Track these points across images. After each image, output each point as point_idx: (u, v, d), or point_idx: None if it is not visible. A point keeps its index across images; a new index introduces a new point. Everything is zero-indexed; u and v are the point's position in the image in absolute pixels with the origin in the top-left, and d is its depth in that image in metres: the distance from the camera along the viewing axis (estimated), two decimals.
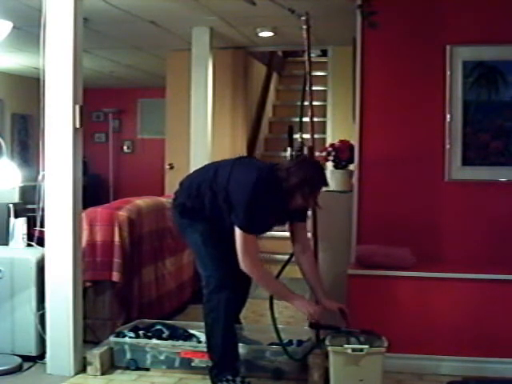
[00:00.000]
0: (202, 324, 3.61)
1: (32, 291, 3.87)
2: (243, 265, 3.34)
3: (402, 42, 4.24)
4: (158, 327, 4.02)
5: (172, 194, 3.74)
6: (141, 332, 3.95)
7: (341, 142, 4.82)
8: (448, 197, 4.20)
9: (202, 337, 3.95)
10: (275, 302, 3.75)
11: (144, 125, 11.12)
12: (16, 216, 4.13)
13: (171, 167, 7.42)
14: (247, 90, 7.68)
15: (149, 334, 3.95)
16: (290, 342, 3.81)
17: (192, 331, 4.03)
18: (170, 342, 3.83)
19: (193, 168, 6.07)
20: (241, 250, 3.32)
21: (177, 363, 3.79)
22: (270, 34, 6.32)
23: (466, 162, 4.19)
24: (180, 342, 3.83)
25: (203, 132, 6.25)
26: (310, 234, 3.87)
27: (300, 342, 3.80)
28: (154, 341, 3.85)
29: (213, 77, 6.39)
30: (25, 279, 3.88)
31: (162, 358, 3.80)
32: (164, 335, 3.95)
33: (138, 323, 4.12)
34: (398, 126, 4.26)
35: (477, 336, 3.79)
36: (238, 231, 3.31)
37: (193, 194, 3.52)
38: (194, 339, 3.92)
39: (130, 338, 3.87)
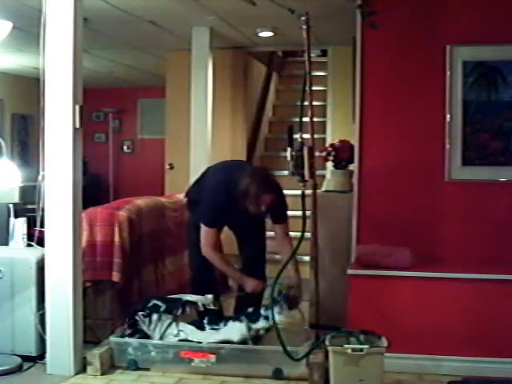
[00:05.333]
0: None
1: (32, 291, 3.87)
2: (203, 250, 4.12)
3: (401, 42, 4.24)
4: (153, 302, 3.99)
5: (172, 193, 3.81)
6: (140, 313, 3.92)
7: (341, 141, 4.82)
8: (448, 197, 4.20)
9: (200, 301, 4.03)
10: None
11: (144, 125, 11.12)
12: (16, 216, 4.13)
13: (171, 167, 7.41)
14: (247, 90, 7.67)
15: (147, 312, 3.92)
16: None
17: (187, 297, 4.06)
18: (170, 342, 3.83)
19: (193, 168, 6.11)
20: (202, 240, 4.10)
21: (177, 363, 3.79)
22: (270, 33, 6.31)
23: (466, 162, 4.19)
24: (180, 342, 3.83)
25: (203, 132, 6.25)
26: (309, 234, 3.87)
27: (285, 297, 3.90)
28: (154, 341, 3.85)
29: (213, 77, 6.38)
30: (25, 279, 3.89)
31: (162, 357, 3.80)
32: (161, 309, 3.93)
33: (131, 310, 4.05)
34: (397, 126, 4.26)
35: (477, 336, 3.78)
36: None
37: None
38: (192, 306, 3.97)
39: (132, 337, 3.87)
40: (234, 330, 3.84)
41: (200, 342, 3.82)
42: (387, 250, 3.96)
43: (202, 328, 3.90)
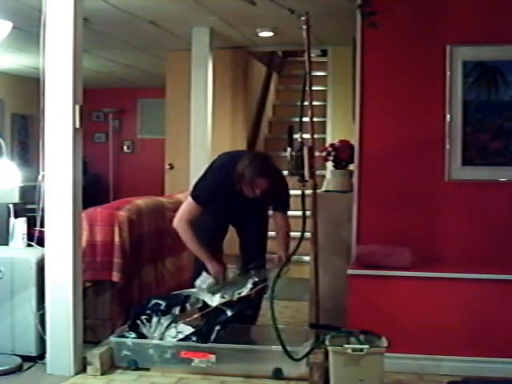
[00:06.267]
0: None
1: (32, 291, 3.87)
2: (176, 222, 4.06)
3: (401, 42, 4.24)
4: (153, 302, 3.99)
5: (172, 193, 3.80)
6: (142, 317, 3.92)
7: (341, 141, 4.82)
8: (448, 197, 4.20)
9: (199, 294, 4.02)
10: (275, 302, 3.75)
11: (144, 125, 11.13)
12: (16, 216, 4.13)
13: (171, 167, 7.42)
14: (247, 89, 7.68)
15: (148, 313, 3.93)
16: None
17: (186, 292, 4.06)
18: (169, 342, 3.84)
19: (193, 168, 6.12)
20: (179, 212, 4.07)
21: (177, 363, 3.79)
22: (270, 33, 6.31)
23: (466, 162, 4.19)
24: (180, 342, 3.83)
25: (203, 132, 6.25)
26: (309, 234, 3.87)
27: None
28: (155, 341, 3.85)
29: (213, 77, 6.39)
30: (25, 279, 3.89)
31: (162, 357, 3.80)
32: (161, 307, 3.94)
33: (132, 312, 4.06)
34: (397, 126, 4.26)
35: (477, 336, 3.79)
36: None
37: None
38: (192, 299, 3.97)
39: (132, 337, 3.87)
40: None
41: (195, 333, 3.83)
42: (387, 250, 3.96)
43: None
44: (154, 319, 3.90)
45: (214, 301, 3.94)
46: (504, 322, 3.78)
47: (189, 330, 3.87)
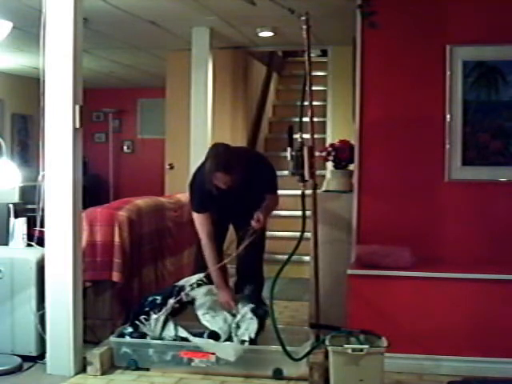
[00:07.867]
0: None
1: (32, 291, 3.87)
2: (201, 240, 4.06)
3: (401, 42, 4.24)
4: (150, 299, 4.01)
5: (172, 193, 3.79)
6: (141, 317, 3.92)
7: (341, 141, 4.82)
8: (448, 197, 4.20)
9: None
10: (275, 302, 3.75)
11: (144, 125, 11.12)
12: (16, 216, 4.13)
13: (171, 167, 7.42)
14: (247, 89, 7.68)
15: (146, 310, 3.93)
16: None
17: (180, 283, 4.09)
18: (170, 342, 3.84)
19: (193, 168, 6.11)
20: (198, 230, 4.07)
21: (177, 363, 3.79)
22: (270, 34, 6.32)
23: (466, 162, 4.19)
24: (180, 342, 3.83)
25: (203, 132, 6.25)
26: (309, 234, 3.87)
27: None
28: (154, 341, 3.86)
29: (213, 77, 6.39)
30: (25, 279, 3.89)
31: (161, 357, 3.80)
32: (158, 301, 3.95)
33: (132, 314, 4.06)
34: (397, 126, 4.26)
35: (477, 336, 3.79)
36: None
37: None
38: (187, 289, 3.99)
39: (131, 334, 3.87)
40: (228, 350, 3.79)
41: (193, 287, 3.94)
42: (387, 249, 3.96)
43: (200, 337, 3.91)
44: (153, 316, 3.90)
45: (214, 325, 3.91)
46: (504, 321, 3.78)
47: (189, 336, 3.88)
